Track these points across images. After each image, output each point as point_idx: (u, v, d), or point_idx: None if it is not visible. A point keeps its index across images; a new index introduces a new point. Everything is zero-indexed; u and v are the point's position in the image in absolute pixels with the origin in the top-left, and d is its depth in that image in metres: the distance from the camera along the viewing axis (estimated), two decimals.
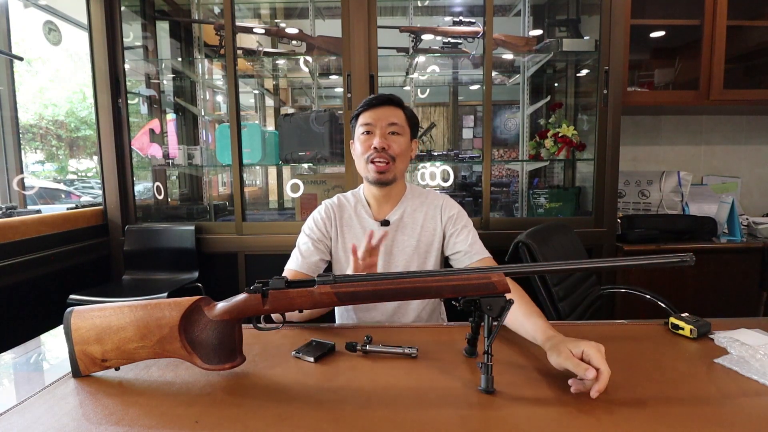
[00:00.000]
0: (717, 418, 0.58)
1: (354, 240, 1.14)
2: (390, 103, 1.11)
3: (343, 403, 0.64)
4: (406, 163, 1.14)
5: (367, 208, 1.17)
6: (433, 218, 1.16)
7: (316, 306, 0.71)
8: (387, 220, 1.15)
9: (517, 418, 0.59)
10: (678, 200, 2.19)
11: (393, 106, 1.11)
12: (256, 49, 2.24)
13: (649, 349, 0.81)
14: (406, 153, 1.12)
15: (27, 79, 3.53)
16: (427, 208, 1.17)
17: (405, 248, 1.14)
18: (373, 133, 1.08)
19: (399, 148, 1.09)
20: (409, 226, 1.15)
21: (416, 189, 1.22)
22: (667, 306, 1.53)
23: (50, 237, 1.75)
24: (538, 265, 1.10)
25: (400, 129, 1.10)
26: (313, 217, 1.18)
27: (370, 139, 1.08)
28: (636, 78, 2.34)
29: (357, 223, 1.17)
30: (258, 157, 1.99)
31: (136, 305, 0.71)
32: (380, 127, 1.08)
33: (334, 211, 1.18)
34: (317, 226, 1.16)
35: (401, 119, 1.11)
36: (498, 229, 1.93)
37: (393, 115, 1.10)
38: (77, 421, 0.60)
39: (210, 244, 1.95)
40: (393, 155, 1.08)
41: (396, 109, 1.11)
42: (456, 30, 2.12)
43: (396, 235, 1.15)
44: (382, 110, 1.09)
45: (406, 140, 1.11)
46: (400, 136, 1.10)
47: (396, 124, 1.09)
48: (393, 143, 1.08)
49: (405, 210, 1.16)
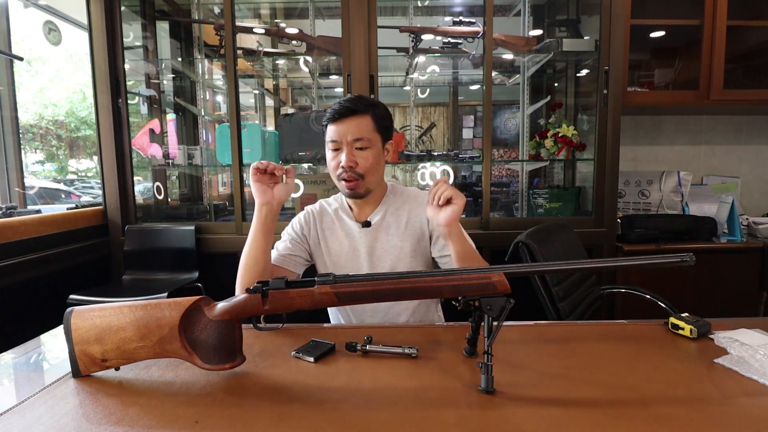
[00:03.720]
0: (717, 418, 0.58)
1: (337, 244, 1.14)
2: (354, 113, 1.04)
3: (343, 403, 0.64)
4: (380, 173, 1.11)
5: (348, 211, 1.15)
6: (417, 216, 1.13)
7: (316, 306, 0.71)
8: (368, 222, 1.13)
9: (517, 418, 0.59)
10: (678, 200, 2.19)
11: (358, 116, 1.05)
12: (256, 49, 2.24)
13: (649, 349, 0.81)
14: (375, 165, 1.07)
15: (27, 79, 3.53)
16: (411, 206, 1.14)
17: (390, 249, 1.12)
18: (340, 149, 1.05)
19: (366, 164, 1.05)
20: (392, 226, 1.13)
21: (398, 188, 1.19)
22: (667, 306, 1.53)
23: (50, 237, 1.75)
24: (538, 265, 1.10)
25: (367, 142, 1.05)
26: (292, 223, 1.18)
27: (337, 156, 1.06)
28: (636, 78, 2.34)
29: (339, 227, 1.15)
30: (258, 157, 1.99)
31: (136, 305, 0.71)
32: (346, 143, 1.04)
33: (314, 216, 1.17)
34: (294, 229, 1.17)
35: (368, 130, 1.05)
36: (498, 229, 1.93)
37: (358, 127, 1.04)
38: (77, 421, 0.60)
39: (210, 244, 1.95)
40: (361, 173, 1.05)
41: (362, 119, 1.05)
42: (456, 30, 2.12)
43: (378, 235, 1.13)
44: (347, 123, 1.04)
45: (374, 152, 1.06)
46: (367, 149, 1.05)
47: (361, 139, 1.04)
48: (360, 159, 1.05)
49: (387, 210, 1.14)
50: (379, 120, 1.07)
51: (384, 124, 1.09)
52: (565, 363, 0.75)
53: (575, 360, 0.77)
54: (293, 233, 1.16)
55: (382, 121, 1.08)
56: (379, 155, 1.09)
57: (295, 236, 1.15)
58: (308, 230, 1.16)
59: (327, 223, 1.17)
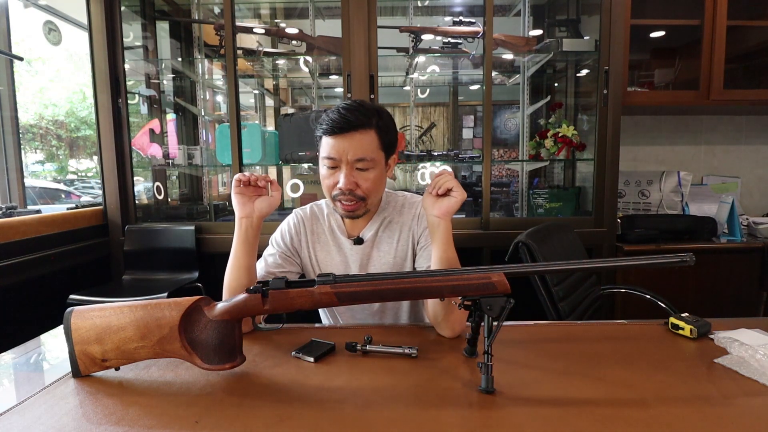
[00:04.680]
0: (717, 418, 0.58)
1: (327, 256, 1.07)
2: (356, 128, 0.91)
3: (343, 403, 0.64)
4: (381, 192, 1.03)
5: (341, 223, 1.07)
6: (409, 229, 1.06)
7: (316, 306, 0.71)
8: (360, 239, 1.05)
9: (517, 418, 0.59)
10: (678, 200, 2.19)
11: (361, 131, 0.92)
12: (256, 49, 2.24)
13: (649, 349, 0.81)
14: (378, 187, 0.97)
15: (27, 79, 3.53)
16: (404, 218, 1.06)
17: (381, 266, 1.05)
18: (338, 168, 0.94)
19: (368, 186, 0.94)
20: (384, 242, 1.05)
21: (392, 197, 1.09)
22: (667, 306, 1.53)
23: (50, 237, 1.75)
24: (538, 265, 1.10)
25: (370, 162, 0.93)
26: (281, 230, 1.10)
27: (334, 174, 0.94)
28: (636, 78, 2.34)
29: (330, 239, 1.08)
30: (258, 157, 1.99)
31: (136, 305, 0.71)
32: (346, 162, 0.92)
33: (305, 224, 1.09)
34: (284, 241, 1.08)
35: (372, 148, 0.93)
36: (498, 229, 1.93)
37: (361, 145, 0.92)
38: (77, 421, 0.60)
39: (210, 244, 1.95)
40: (362, 196, 0.95)
41: (365, 135, 0.92)
42: (456, 30, 2.12)
43: (371, 252, 1.05)
44: (348, 140, 0.91)
45: (377, 172, 0.95)
46: (370, 170, 0.94)
47: (364, 159, 0.92)
48: (362, 181, 0.94)
49: (380, 225, 1.06)
50: (384, 134, 0.96)
51: (388, 138, 0.97)
52: (565, 363, 0.75)
53: (575, 360, 0.77)
54: (283, 245, 1.08)
55: (387, 135, 0.97)
56: (382, 175, 0.98)
57: (285, 249, 1.07)
58: (298, 241, 1.09)
59: (318, 232, 1.09)
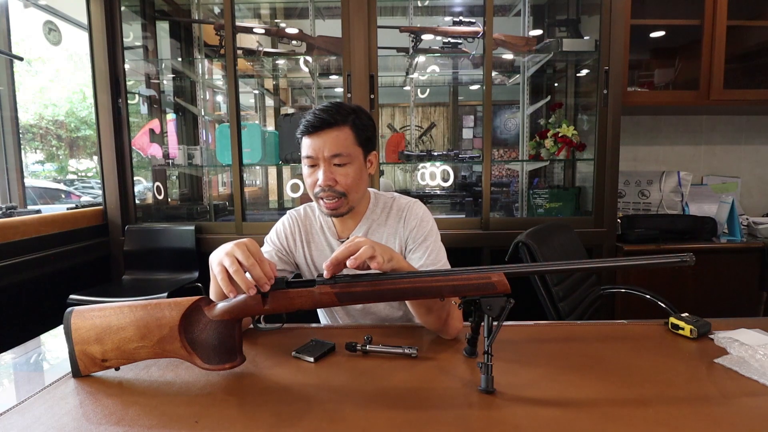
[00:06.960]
0: (717, 418, 0.58)
1: (320, 255, 1.08)
2: (330, 125, 0.95)
3: (343, 403, 0.64)
4: (363, 189, 1.03)
5: (331, 225, 1.08)
6: (396, 232, 1.06)
7: (316, 306, 0.71)
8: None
9: (517, 418, 0.59)
10: (678, 200, 2.19)
11: (336, 129, 0.95)
12: (256, 49, 2.24)
13: (649, 349, 0.81)
14: (357, 182, 0.99)
15: (27, 79, 3.53)
16: (392, 221, 1.07)
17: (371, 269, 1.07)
18: (317, 166, 0.97)
19: (347, 181, 0.97)
20: None
21: (381, 198, 1.11)
22: (667, 306, 1.53)
23: (50, 237, 1.75)
24: (538, 265, 1.10)
25: (346, 158, 0.96)
26: (276, 230, 1.12)
27: (314, 173, 0.97)
28: (636, 78, 2.34)
29: (323, 239, 1.09)
30: (258, 157, 1.99)
31: (136, 305, 0.71)
32: (323, 159, 0.95)
33: (299, 223, 1.11)
34: (280, 241, 1.10)
35: (347, 143, 0.96)
36: (498, 229, 1.93)
37: (336, 141, 0.95)
38: (77, 421, 0.60)
39: (210, 244, 1.95)
40: (341, 191, 0.97)
41: (340, 131, 0.95)
42: (456, 30, 2.12)
43: None
44: (323, 137, 0.95)
45: (355, 168, 0.98)
46: (347, 165, 0.97)
47: (340, 155, 0.95)
48: (340, 177, 0.96)
49: (370, 226, 1.07)
50: (360, 131, 0.98)
51: (365, 135, 1.00)
52: (565, 363, 0.75)
53: (575, 360, 0.77)
54: (279, 244, 1.09)
55: (363, 131, 0.99)
56: (361, 170, 1.00)
57: (280, 248, 1.09)
58: (293, 241, 1.10)
59: (311, 233, 1.11)
